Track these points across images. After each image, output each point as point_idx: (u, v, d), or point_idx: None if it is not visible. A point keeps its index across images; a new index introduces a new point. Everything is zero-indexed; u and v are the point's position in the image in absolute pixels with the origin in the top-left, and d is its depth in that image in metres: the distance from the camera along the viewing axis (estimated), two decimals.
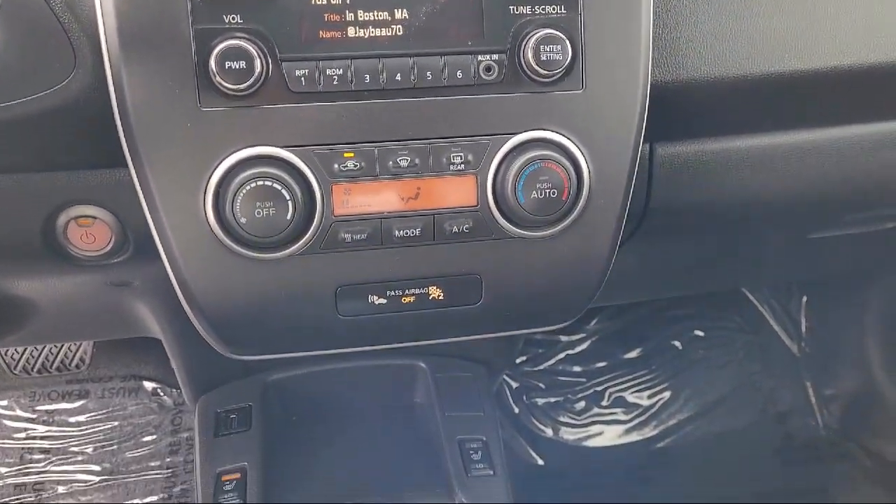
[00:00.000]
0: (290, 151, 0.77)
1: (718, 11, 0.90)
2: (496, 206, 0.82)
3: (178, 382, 1.40)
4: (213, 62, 0.73)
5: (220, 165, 0.75)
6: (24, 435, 1.85)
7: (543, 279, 0.88)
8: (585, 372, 2.09)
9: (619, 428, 2.05)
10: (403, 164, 0.79)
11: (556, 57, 0.78)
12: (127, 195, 0.81)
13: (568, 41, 0.78)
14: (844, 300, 2.02)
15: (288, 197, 0.76)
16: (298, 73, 0.76)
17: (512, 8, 0.78)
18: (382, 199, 0.80)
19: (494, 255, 0.84)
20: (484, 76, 0.79)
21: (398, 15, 0.77)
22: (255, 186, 0.75)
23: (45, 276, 1.06)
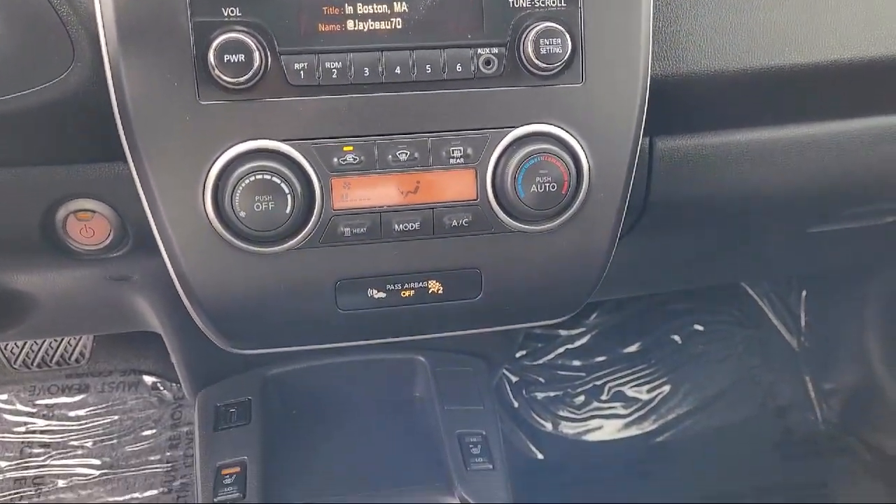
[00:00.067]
0: (289, 145, 0.77)
1: (718, 5, 0.90)
2: (496, 199, 0.82)
3: (177, 377, 1.40)
4: (211, 55, 0.73)
5: (219, 159, 0.75)
6: (23, 429, 1.85)
7: (543, 273, 0.88)
8: (585, 366, 2.09)
9: (618, 422, 2.05)
10: (403, 157, 0.79)
11: (555, 50, 0.78)
12: (126, 189, 0.81)
13: (568, 34, 0.78)
14: (844, 294, 2.02)
15: (287, 191, 0.76)
16: (297, 66, 0.75)
17: (512, 1, 0.78)
18: (382, 192, 0.80)
19: (494, 249, 0.84)
20: (483, 69, 0.79)
21: (397, 8, 0.76)
22: (254, 180, 0.75)
23: (44, 270, 1.06)
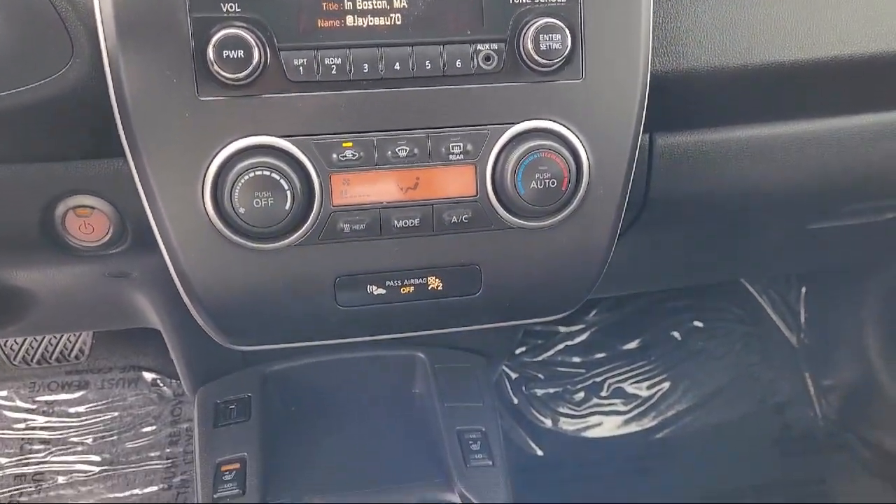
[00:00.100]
0: (288, 141, 0.76)
1: (719, 1, 0.89)
2: (495, 196, 0.82)
3: (177, 373, 1.40)
4: (210, 51, 0.72)
5: (218, 155, 0.75)
6: (23, 425, 1.85)
7: (542, 269, 0.87)
8: (585, 363, 2.09)
9: (618, 419, 2.05)
10: (402, 153, 0.79)
11: (555, 46, 0.78)
12: (125, 185, 0.81)
13: (567, 30, 0.78)
14: (843, 291, 2.02)
15: (286, 187, 0.76)
16: (297, 62, 0.75)
17: None
18: (381, 189, 0.80)
19: (493, 245, 0.84)
20: (483, 65, 0.79)
21: (397, 4, 0.76)
22: (253, 176, 0.75)
23: (43, 266, 1.06)
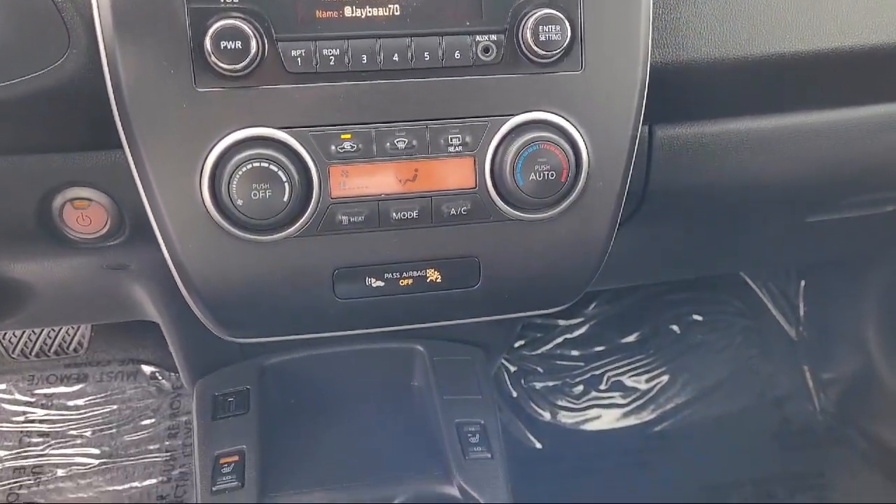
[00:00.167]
0: (286, 133, 0.76)
1: None
2: (494, 188, 0.81)
3: (176, 366, 1.40)
4: (208, 42, 0.72)
5: (215, 147, 0.75)
6: (22, 418, 1.85)
7: (541, 262, 0.87)
8: (584, 356, 2.09)
9: (617, 412, 2.05)
10: (401, 145, 0.79)
11: (554, 37, 0.78)
12: (123, 177, 0.81)
13: (567, 21, 0.78)
14: (843, 285, 2.02)
15: (284, 179, 0.75)
16: (295, 53, 0.75)
17: None
18: (380, 180, 0.79)
19: (492, 237, 0.84)
20: (482, 57, 0.78)
21: None
22: (251, 168, 0.75)
23: (41, 258, 1.05)
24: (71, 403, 1.87)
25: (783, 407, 2.08)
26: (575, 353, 2.09)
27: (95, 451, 1.82)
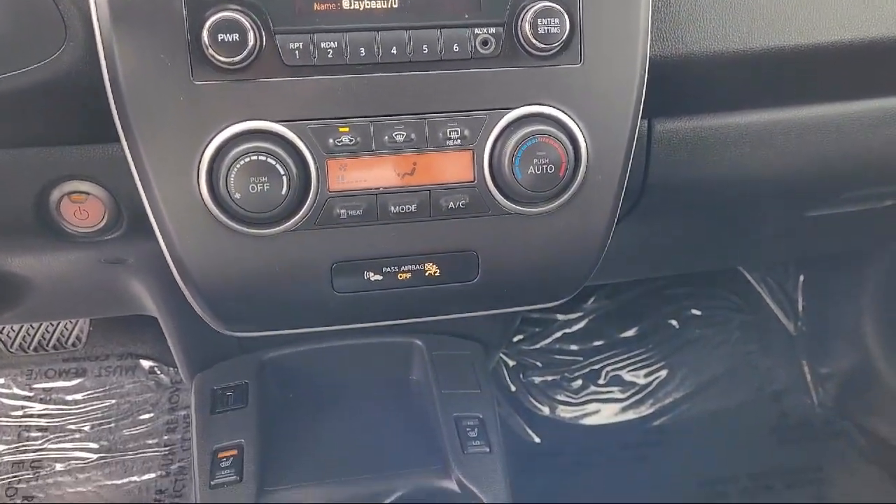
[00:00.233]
0: (284, 126, 0.76)
1: None
2: (493, 181, 0.81)
3: (174, 360, 1.40)
4: (205, 34, 0.72)
5: (213, 140, 0.75)
6: (21, 413, 1.85)
7: (540, 256, 0.87)
8: (582, 350, 2.09)
9: (615, 406, 2.05)
10: (399, 139, 0.79)
11: (554, 30, 0.77)
12: (120, 171, 0.80)
13: (566, 14, 0.77)
14: (841, 280, 2.02)
15: (283, 172, 0.75)
16: (293, 45, 0.74)
17: None
18: (378, 174, 0.79)
19: (491, 231, 0.84)
20: (481, 50, 0.78)
21: None
22: (249, 161, 0.74)
23: (38, 252, 1.05)
24: (69, 398, 1.87)
25: (781, 401, 2.08)
26: (574, 347, 2.09)
27: (94, 445, 1.82)
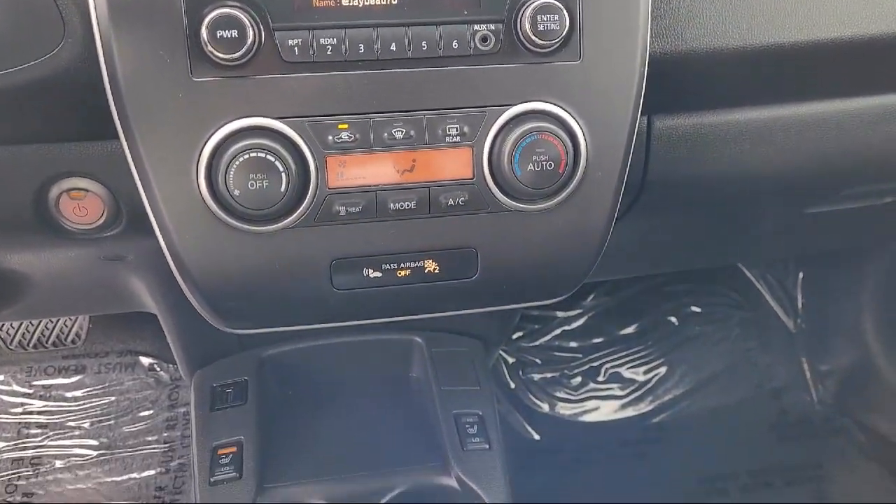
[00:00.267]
0: (283, 123, 0.76)
1: None
2: (492, 178, 0.81)
3: (174, 357, 1.40)
4: (204, 31, 0.71)
5: (212, 137, 0.74)
6: (20, 410, 1.85)
7: (539, 253, 0.87)
8: (582, 347, 2.09)
9: (614, 403, 2.06)
10: (398, 135, 0.78)
11: (553, 27, 0.77)
12: (119, 167, 0.80)
13: (565, 10, 0.77)
14: (841, 277, 2.02)
15: (282, 169, 0.75)
16: (291, 42, 0.74)
17: None
18: (377, 171, 0.79)
19: (490, 228, 0.84)
20: (480, 46, 0.78)
21: None
22: (248, 158, 0.74)
23: (37, 249, 1.05)
24: (69, 395, 1.87)
25: (781, 398, 2.08)
26: (573, 344, 2.09)
27: (94, 442, 1.82)
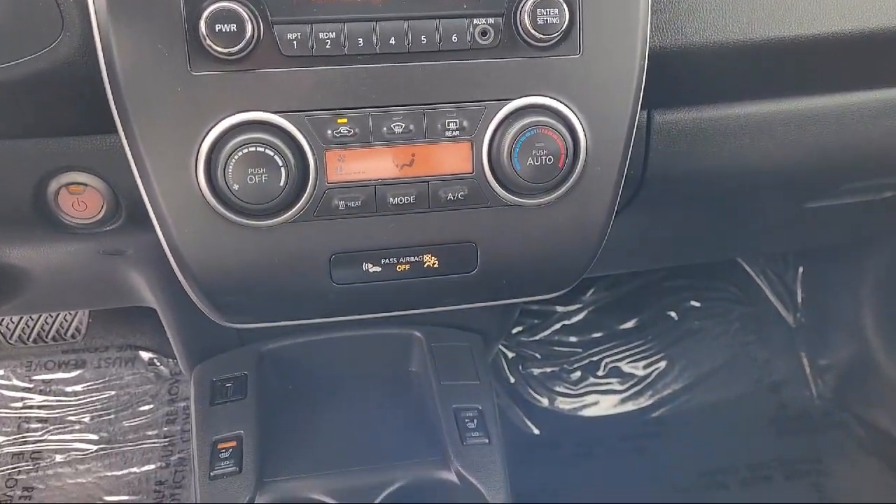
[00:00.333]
0: (282, 117, 0.75)
1: None
2: (492, 173, 0.81)
3: (174, 352, 1.40)
4: (203, 25, 0.71)
5: (211, 131, 0.74)
6: (20, 404, 1.85)
7: (539, 247, 0.87)
8: (581, 342, 2.09)
9: (614, 398, 2.06)
10: (398, 129, 0.78)
11: (553, 21, 0.77)
12: (118, 162, 0.80)
13: (565, 4, 0.77)
14: (841, 271, 2.02)
15: (281, 163, 0.75)
16: (290, 36, 0.74)
17: None
18: (377, 165, 0.79)
19: (490, 222, 0.84)
20: (479, 40, 0.78)
21: None
22: (247, 152, 0.74)
23: (37, 244, 1.05)
24: (69, 389, 1.87)
25: (780, 393, 2.08)
26: (573, 339, 2.09)
27: (94, 436, 1.82)
